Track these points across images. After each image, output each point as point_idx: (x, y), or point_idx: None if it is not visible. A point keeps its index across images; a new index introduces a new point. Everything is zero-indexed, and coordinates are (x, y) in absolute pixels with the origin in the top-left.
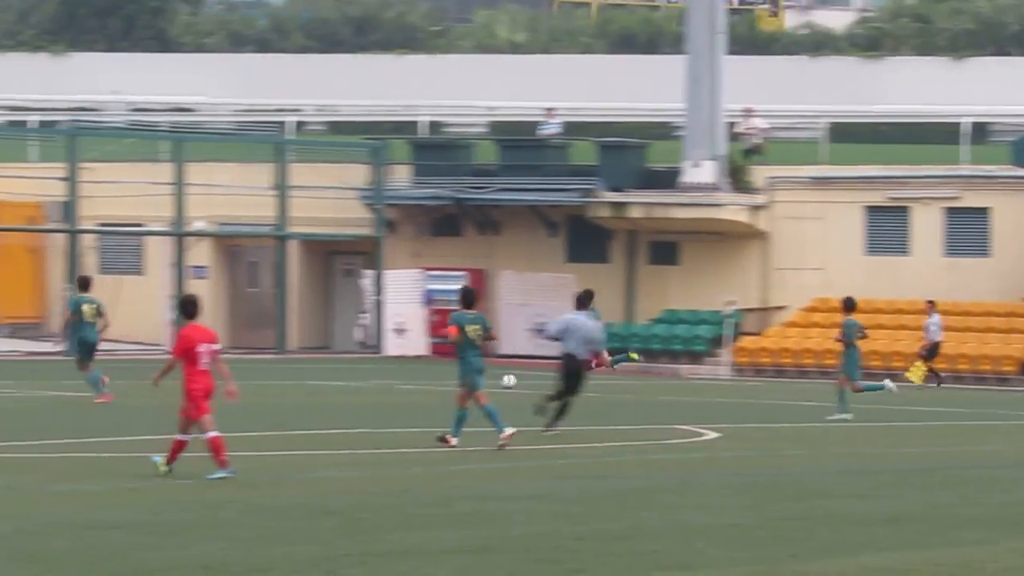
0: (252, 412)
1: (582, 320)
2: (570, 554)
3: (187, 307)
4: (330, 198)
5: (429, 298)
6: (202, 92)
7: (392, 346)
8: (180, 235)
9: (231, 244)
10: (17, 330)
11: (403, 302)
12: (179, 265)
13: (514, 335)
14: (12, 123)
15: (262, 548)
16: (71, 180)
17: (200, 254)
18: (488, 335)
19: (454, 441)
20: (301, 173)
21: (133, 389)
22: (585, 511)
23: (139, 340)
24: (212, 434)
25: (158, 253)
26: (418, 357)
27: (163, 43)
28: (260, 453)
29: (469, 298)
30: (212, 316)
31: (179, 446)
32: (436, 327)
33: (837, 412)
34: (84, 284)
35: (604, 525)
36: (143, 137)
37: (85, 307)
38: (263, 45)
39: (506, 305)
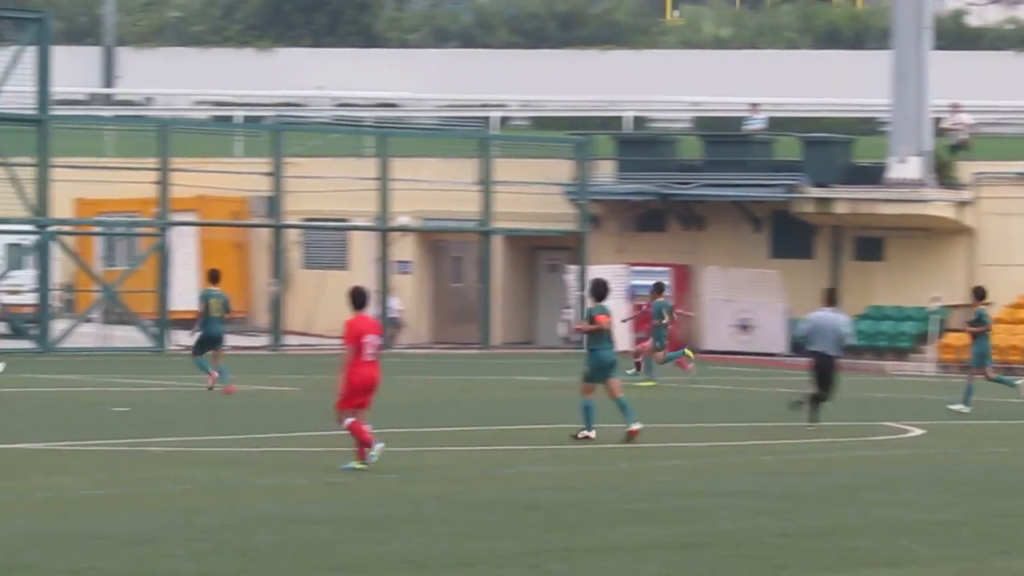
0: (456, 407)
1: (830, 316)
2: (775, 550)
3: (356, 298)
4: (534, 193)
5: (633, 294)
6: (407, 87)
7: None
8: (384, 230)
9: (435, 239)
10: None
11: (608, 297)
12: (383, 260)
13: (718, 331)
14: (218, 118)
15: (465, 543)
16: (276, 175)
17: (404, 249)
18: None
19: (635, 427)
20: (505, 168)
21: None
22: (790, 507)
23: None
24: (348, 420)
25: (362, 248)
26: (621, 352)
27: (368, 39)
28: (464, 448)
29: (601, 292)
30: (416, 311)
31: (356, 428)
32: (640, 323)
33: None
34: (214, 277)
35: (809, 521)
36: (348, 132)
37: (212, 301)
38: (468, 40)
39: (710, 300)
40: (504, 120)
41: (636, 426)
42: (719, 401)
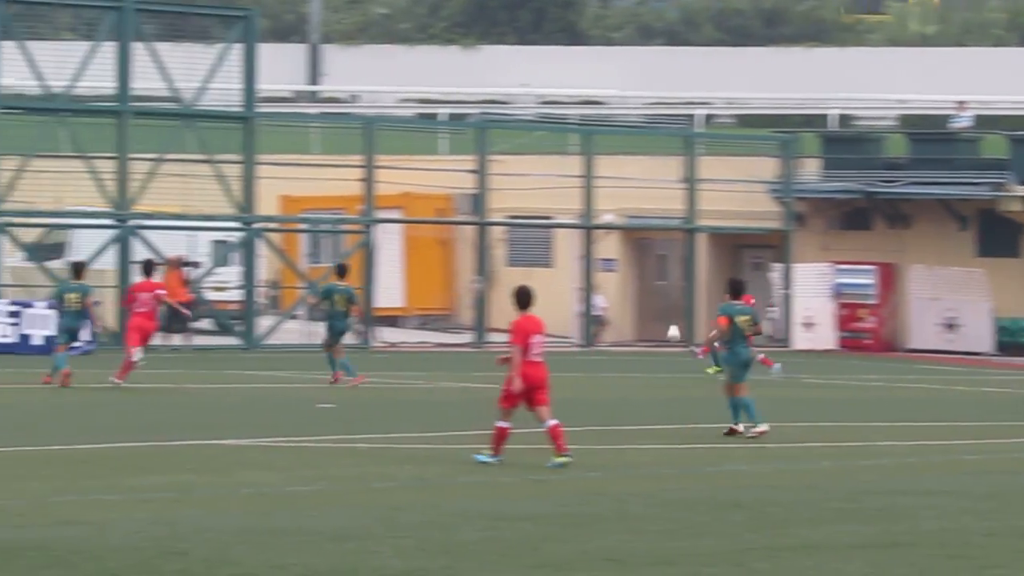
0: (659, 405)
1: None
2: (980, 550)
3: (521, 298)
4: (739, 191)
5: (838, 292)
6: (611, 85)
7: (800, 340)
8: (589, 228)
9: (640, 237)
10: (427, 321)
11: (812, 296)
12: (588, 258)
13: (924, 330)
14: (423, 116)
15: (668, 541)
16: (480, 172)
17: (609, 247)
18: (756, 328)
19: (741, 428)
20: (710, 166)
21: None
22: (995, 507)
23: (548, 333)
24: (502, 424)
25: (567, 246)
26: (826, 351)
27: (572, 36)
28: (667, 446)
29: (737, 289)
30: (620, 309)
31: (501, 434)
32: (845, 321)
33: None
34: (341, 272)
35: (1015, 521)
36: (552, 130)
37: (337, 296)
38: (672, 38)
39: (915, 299)
40: (709, 117)
41: (764, 427)
42: (923, 400)
